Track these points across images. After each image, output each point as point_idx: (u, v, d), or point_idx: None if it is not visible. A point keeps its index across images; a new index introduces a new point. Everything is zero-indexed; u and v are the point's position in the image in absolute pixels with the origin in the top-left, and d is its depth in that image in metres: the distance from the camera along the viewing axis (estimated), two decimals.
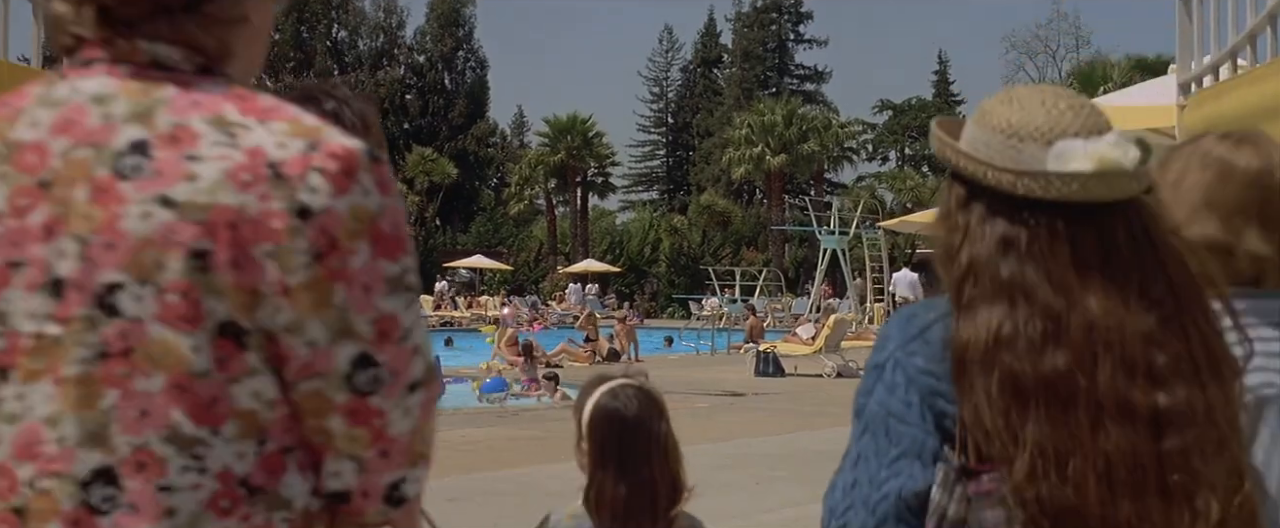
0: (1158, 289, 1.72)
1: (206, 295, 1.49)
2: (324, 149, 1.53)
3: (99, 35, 1.58)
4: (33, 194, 1.53)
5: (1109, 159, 1.72)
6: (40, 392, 1.50)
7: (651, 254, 57.57)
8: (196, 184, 1.49)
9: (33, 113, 1.57)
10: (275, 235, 1.49)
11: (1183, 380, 1.69)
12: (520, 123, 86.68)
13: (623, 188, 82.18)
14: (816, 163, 57.54)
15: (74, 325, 1.49)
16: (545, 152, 58.90)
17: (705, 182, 70.65)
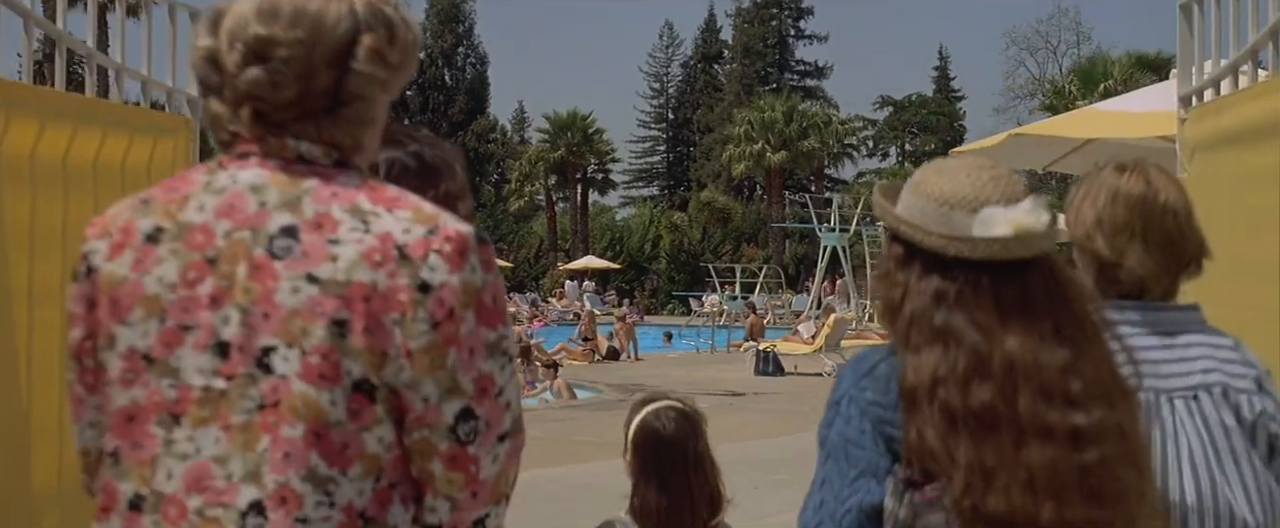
0: (1070, 328, 2.11)
1: (344, 357, 1.80)
2: (441, 233, 1.86)
3: (254, 133, 1.90)
4: (201, 269, 1.85)
5: (1025, 224, 2.10)
6: (209, 436, 1.81)
7: (652, 251, 57.52)
8: (337, 264, 1.81)
9: (199, 198, 1.88)
10: (401, 307, 1.81)
11: (1097, 403, 2.07)
12: (521, 119, 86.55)
13: (623, 184, 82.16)
14: (817, 160, 57.47)
15: (238, 381, 1.81)
16: (545, 148, 58.86)
17: (706, 178, 70.55)
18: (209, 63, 1.93)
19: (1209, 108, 3.96)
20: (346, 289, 1.80)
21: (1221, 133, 3.80)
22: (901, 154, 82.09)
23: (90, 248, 1.95)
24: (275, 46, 1.87)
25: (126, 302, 1.88)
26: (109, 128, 3.87)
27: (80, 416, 2.03)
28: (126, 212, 1.95)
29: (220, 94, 1.93)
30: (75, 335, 1.98)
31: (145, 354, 1.86)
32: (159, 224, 1.89)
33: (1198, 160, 4.06)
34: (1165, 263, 2.54)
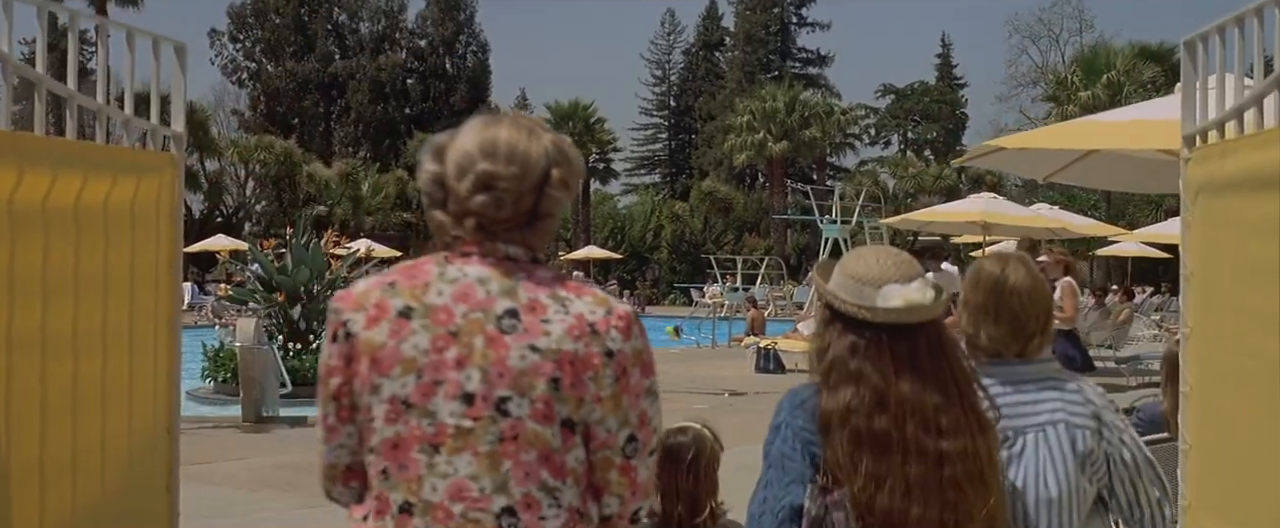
0: (944, 377, 2.88)
1: (557, 403, 2.50)
2: (615, 313, 2.55)
3: (474, 238, 2.54)
4: (446, 339, 2.49)
5: (914, 299, 2.89)
6: (463, 460, 2.48)
7: (653, 241, 57.46)
8: (550, 338, 2.49)
9: (437, 285, 2.53)
10: (594, 367, 2.51)
11: (960, 434, 2.85)
12: (522, 106, 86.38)
13: (625, 171, 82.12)
14: (818, 149, 57.36)
15: (482, 422, 2.48)
16: None
17: (707, 165, 70.49)
18: (435, 184, 2.58)
19: (1213, 150, 3.86)
20: (558, 356, 2.49)
21: (1225, 178, 3.71)
22: (903, 142, 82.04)
23: (347, 318, 2.56)
24: (498, 179, 2.52)
25: (387, 362, 2.51)
26: (90, 170, 3.79)
27: (332, 440, 2.63)
28: (376, 292, 2.56)
29: (444, 207, 2.57)
30: (335, 382, 2.58)
31: (405, 400, 2.51)
32: (408, 304, 2.52)
33: (1201, 203, 3.97)
34: (1012, 333, 3.36)
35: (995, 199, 20.26)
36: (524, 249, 2.58)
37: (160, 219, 4.28)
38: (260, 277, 17.11)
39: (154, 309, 4.24)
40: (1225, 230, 3.74)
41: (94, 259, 3.87)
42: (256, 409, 13.99)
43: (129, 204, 4.04)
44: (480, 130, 2.58)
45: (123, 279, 4.02)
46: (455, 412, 2.48)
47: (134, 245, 4.08)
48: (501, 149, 2.53)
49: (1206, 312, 3.97)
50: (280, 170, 55.47)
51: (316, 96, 68.85)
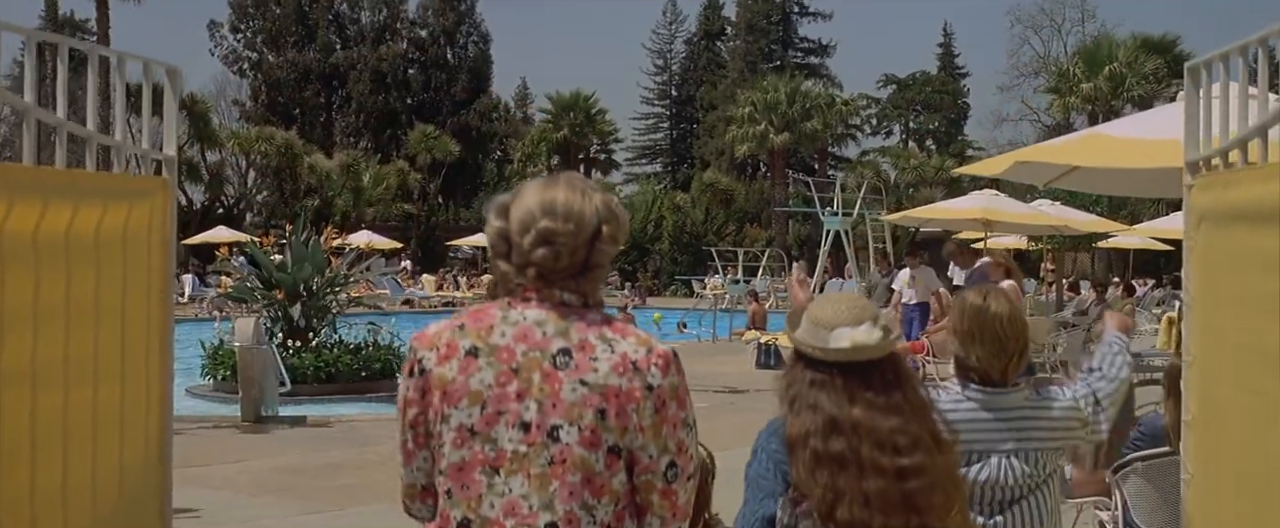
0: (900, 403, 3.30)
1: (603, 432, 2.84)
2: (655, 352, 2.89)
3: (535, 285, 2.89)
4: (508, 376, 2.85)
5: (859, 340, 3.30)
6: (517, 481, 2.83)
7: (654, 232, 57.37)
8: (598, 373, 2.84)
9: (500, 327, 2.88)
10: (636, 400, 2.85)
11: (919, 451, 3.25)
12: (523, 95, 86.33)
13: (626, 161, 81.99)
14: (820, 141, 57.25)
15: (536, 447, 2.82)
16: (548, 128, 58.63)
17: (709, 155, 70.36)
18: (501, 238, 2.94)
19: (1217, 179, 3.82)
20: (604, 390, 2.84)
21: (1229, 208, 3.67)
22: (905, 132, 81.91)
23: (422, 355, 2.94)
24: (556, 235, 2.86)
25: (456, 394, 2.87)
26: (81, 198, 3.75)
27: (410, 463, 3.01)
28: (447, 333, 2.93)
29: (507, 258, 2.93)
30: (412, 412, 2.96)
31: (470, 428, 2.86)
32: (475, 345, 2.88)
33: (1204, 231, 3.93)
34: (995, 354, 3.94)
35: (997, 196, 20.19)
36: (577, 295, 2.92)
37: (152, 245, 4.23)
38: (260, 274, 17.06)
39: (145, 336, 4.20)
40: (1229, 262, 3.71)
41: (85, 288, 3.83)
42: (256, 409, 13.97)
43: (121, 231, 3.99)
44: (541, 191, 2.93)
45: (114, 307, 3.97)
46: (514, 438, 2.85)
47: (126, 272, 4.03)
48: (559, 208, 2.88)
49: (1208, 342, 3.94)
50: (281, 162, 55.41)
51: (317, 87, 68.75)
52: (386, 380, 16.93)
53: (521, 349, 2.86)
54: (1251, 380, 3.44)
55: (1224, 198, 3.74)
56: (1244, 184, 3.60)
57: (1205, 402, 3.98)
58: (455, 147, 60.17)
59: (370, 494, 10.05)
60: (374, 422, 14.24)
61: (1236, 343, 3.61)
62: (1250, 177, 3.57)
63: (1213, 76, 3.97)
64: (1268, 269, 3.32)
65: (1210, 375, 3.90)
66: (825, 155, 63.20)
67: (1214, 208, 3.84)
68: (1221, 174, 3.81)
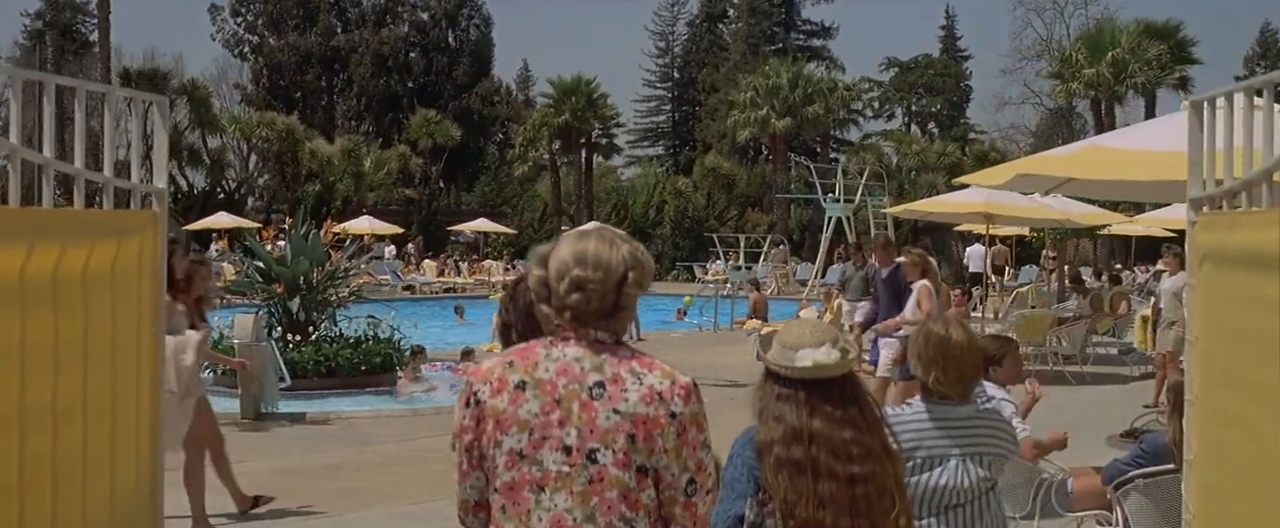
0: (856, 417, 3.80)
1: (633, 453, 3.21)
2: (678, 384, 3.26)
3: (572, 326, 3.27)
4: (551, 406, 3.23)
5: (820, 360, 3.78)
6: (562, 497, 3.21)
7: (656, 217, 57.27)
8: (628, 403, 3.21)
9: (544, 364, 3.26)
10: (661, 426, 3.22)
11: (869, 461, 3.74)
12: (525, 77, 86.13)
13: (628, 143, 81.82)
14: (822, 126, 57.08)
15: (576, 467, 3.20)
16: (549, 113, 58.42)
17: (711, 138, 70.20)
18: (542, 284, 3.33)
19: (1220, 219, 3.78)
20: (634, 417, 3.22)
21: (1233, 250, 3.62)
22: (907, 115, 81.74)
23: (477, 388, 3.32)
24: (588, 283, 3.25)
25: (507, 423, 3.26)
26: (68, 238, 3.70)
27: (465, 482, 3.39)
28: (499, 369, 3.31)
29: (548, 302, 3.31)
30: (468, 438, 3.34)
31: (519, 452, 3.26)
32: (523, 379, 3.28)
33: (1207, 269, 3.89)
34: (955, 379, 4.58)
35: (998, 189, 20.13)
36: (609, 334, 3.32)
37: (142, 278, 4.19)
38: (259, 268, 17.01)
39: (136, 371, 4.16)
40: (1233, 305, 3.67)
41: (74, 328, 3.79)
42: (255, 406, 13.92)
43: (109, 268, 3.95)
44: (574, 243, 3.34)
45: (103, 345, 3.94)
46: (557, 460, 3.24)
47: (114, 309, 3.99)
48: (589, 258, 3.28)
49: (1211, 381, 3.90)
50: (282, 147, 55.29)
51: (319, 70, 68.57)
52: (386, 375, 16.89)
53: (563, 382, 3.27)
54: (1253, 422, 3.41)
55: (1227, 239, 3.70)
56: (1247, 227, 3.56)
57: (1206, 441, 3.94)
58: (457, 131, 60.00)
59: (371, 497, 10.04)
60: (373, 419, 14.22)
61: (1238, 382, 3.57)
62: (1253, 220, 3.53)
63: (1213, 111, 3.93)
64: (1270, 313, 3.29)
65: (1211, 417, 3.86)
66: (827, 140, 63.03)
67: (1217, 249, 3.80)
68: (1225, 215, 3.77)
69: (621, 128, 65.56)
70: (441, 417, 14.42)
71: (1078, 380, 17.47)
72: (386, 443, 12.60)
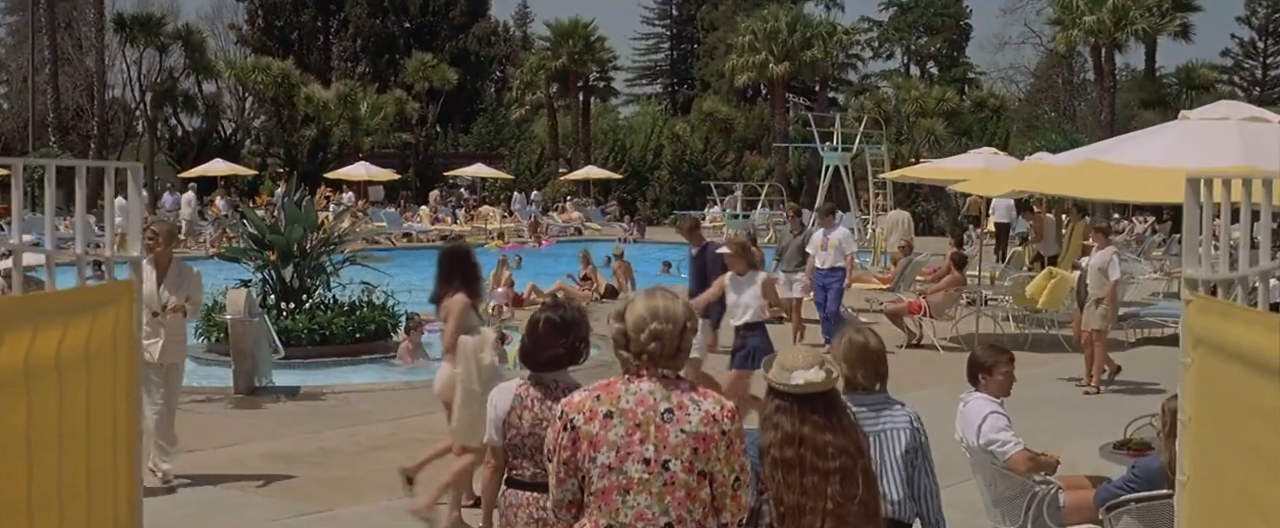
0: (836, 424, 4.76)
1: (696, 461, 4.22)
2: (725, 408, 4.28)
3: (644, 366, 4.26)
4: (633, 429, 4.22)
5: (810, 378, 4.70)
6: (643, 497, 4.21)
7: (654, 161, 57.07)
8: (691, 424, 4.22)
9: (625, 396, 4.25)
10: (716, 441, 4.24)
11: (843, 457, 4.71)
12: (523, 15, 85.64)
13: (626, 81, 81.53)
14: (821, 70, 56.75)
15: (654, 474, 4.21)
16: (547, 56, 58.11)
17: (710, 76, 69.88)
18: (622, 335, 4.31)
19: (1217, 308, 3.69)
20: (696, 435, 4.24)
21: (1229, 344, 3.55)
22: (907, 55, 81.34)
23: (572, 417, 4.32)
24: (662, 334, 4.27)
25: (599, 443, 4.26)
26: (40, 322, 3.62)
27: (561, 487, 4.37)
28: (589, 401, 4.32)
29: (627, 348, 4.29)
30: (565, 455, 4.32)
31: (609, 466, 4.26)
32: (609, 409, 4.28)
33: (1201, 354, 3.82)
34: (869, 375, 5.72)
35: (996, 155, 20.07)
36: (672, 370, 4.35)
37: (118, 349, 4.10)
38: (252, 234, 16.93)
39: (113, 450, 4.09)
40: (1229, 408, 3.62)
41: (47, 415, 3.71)
42: (249, 381, 13.86)
43: (83, 347, 3.87)
44: (646, 301, 4.37)
45: (78, 427, 3.86)
46: (639, 470, 4.25)
47: (90, 388, 3.91)
48: (661, 313, 4.31)
49: (1203, 466, 3.84)
50: (278, 92, 55.01)
51: (314, 11, 68.05)
52: (380, 342, 16.82)
53: (641, 410, 4.27)
54: (1239, 509, 3.38)
55: (1222, 330, 3.63)
56: (1241, 323, 3.49)
57: (1196, 523, 3.89)
58: (454, 74, 59.70)
59: (363, 487, 10.00)
60: (366, 393, 14.16)
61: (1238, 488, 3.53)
62: (1248, 317, 3.46)
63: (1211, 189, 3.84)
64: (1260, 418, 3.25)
65: (1205, 503, 3.81)
66: (826, 82, 62.69)
67: (1211, 335, 3.73)
68: (1220, 304, 3.69)
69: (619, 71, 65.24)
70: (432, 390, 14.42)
71: (1072, 346, 17.42)
72: (380, 422, 12.55)
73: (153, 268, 9.84)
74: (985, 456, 7.26)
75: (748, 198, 44.59)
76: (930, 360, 16.49)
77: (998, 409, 7.27)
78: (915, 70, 79.77)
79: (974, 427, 7.24)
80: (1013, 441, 7.16)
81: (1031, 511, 7.20)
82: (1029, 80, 78.90)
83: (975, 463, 7.42)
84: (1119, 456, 7.62)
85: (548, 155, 59.97)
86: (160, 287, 9.90)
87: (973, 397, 7.36)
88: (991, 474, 7.33)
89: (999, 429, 7.18)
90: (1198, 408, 3.90)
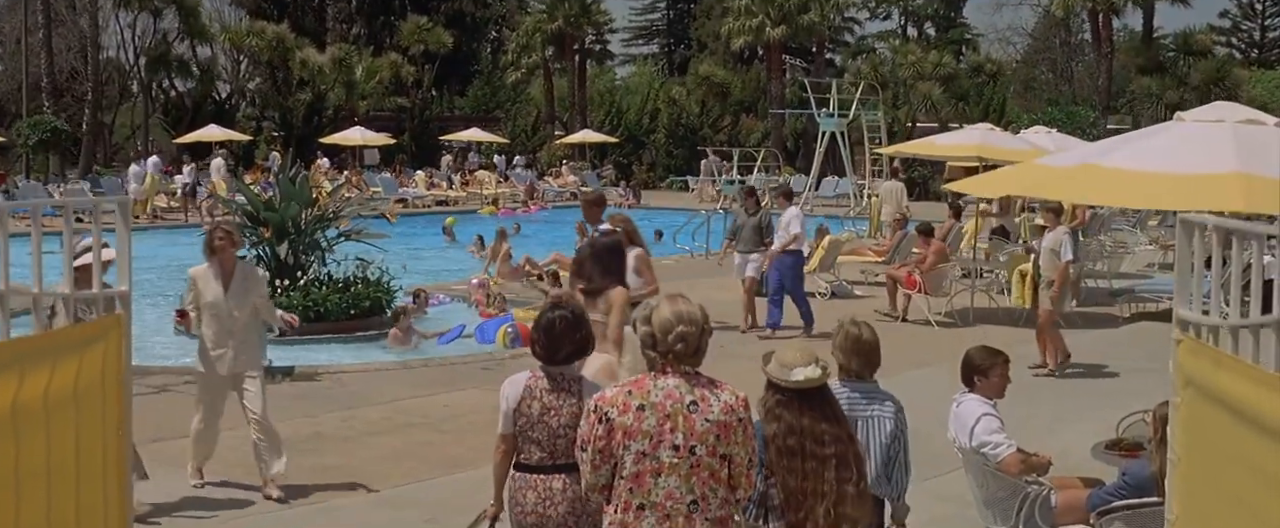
0: (831, 415, 5.57)
1: (718, 446, 4.91)
2: (739, 398, 5.00)
3: (669, 364, 4.93)
4: (663, 420, 4.88)
5: (809, 375, 5.43)
6: (672, 479, 4.89)
7: (650, 125, 56.92)
8: (713, 413, 4.91)
9: (653, 391, 4.91)
10: (733, 428, 4.95)
11: (838, 444, 5.48)
12: None
13: (623, 41, 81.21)
14: (818, 33, 56.52)
15: (682, 459, 4.88)
16: (542, 19, 57.87)
17: (706, 37, 69.58)
18: (650, 336, 4.92)
19: (1208, 355, 3.68)
20: (718, 423, 4.88)
21: (1218, 392, 3.54)
22: (903, 15, 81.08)
23: (606, 410, 4.93)
24: (687, 335, 4.87)
25: (634, 433, 4.87)
26: (26, 366, 3.61)
27: (596, 472, 4.98)
28: (622, 396, 4.94)
29: (654, 348, 4.91)
30: (601, 444, 4.92)
31: (643, 452, 4.86)
32: (641, 402, 4.89)
33: (1191, 395, 3.81)
34: (863, 365, 6.29)
35: (992, 131, 20.03)
36: (694, 367, 4.97)
37: (107, 386, 4.09)
38: (247, 211, 16.89)
39: (102, 484, 4.09)
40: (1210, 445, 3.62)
41: (35, 453, 3.71)
42: None
43: (71, 387, 3.86)
44: (672, 306, 4.96)
45: (67, 465, 3.85)
46: (669, 456, 4.87)
47: (79, 425, 3.90)
48: (685, 316, 4.92)
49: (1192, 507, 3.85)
50: (273, 56, 54.75)
51: None
52: (375, 318, 16.81)
53: (669, 403, 4.89)
54: None
55: (1212, 376, 3.62)
56: (1232, 372, 3.48)
57: None
58: (449, 37, 59.39)
59: (357, 476, 9.98)
60: (361, 373, 14.13)
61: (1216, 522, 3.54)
62: (1238, 368, 3.45)
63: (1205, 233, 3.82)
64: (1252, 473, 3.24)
65: None
66: (823, 44, 62.45)
67: (1201, 379, 3.73)
68: (1211, 351, 3.68)
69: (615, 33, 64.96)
70: (430, 371, 14.41)
71: (1069, 324, 17.43)
72: (375, 405, 12.55)
73: (217, 272, 9.30)
74: (977, 457, 7.28)
75: (745, 166, 44.41)
76: (927, 338, 16.52)
77: (990, 411, 7.29)
78: (913, 31, 79.52)
79: (967, 428, 7.26)
80: (1005, 443, 7.18)
81: (1023, 511, 7.23)
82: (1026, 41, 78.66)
83: (967, 464, 7.45)
84: (1110, 456, 7.63)
85: (543, 119, 59.81)
86: (227, 294, 9.29)
87: (966, 398, 7.38)
88: (983, 475, 7.35)
89: (991, 431, 7.19)
90: (1186, 449, 3.90)
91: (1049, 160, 9.52)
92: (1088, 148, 8.91)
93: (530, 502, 5.69)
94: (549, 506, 5.66)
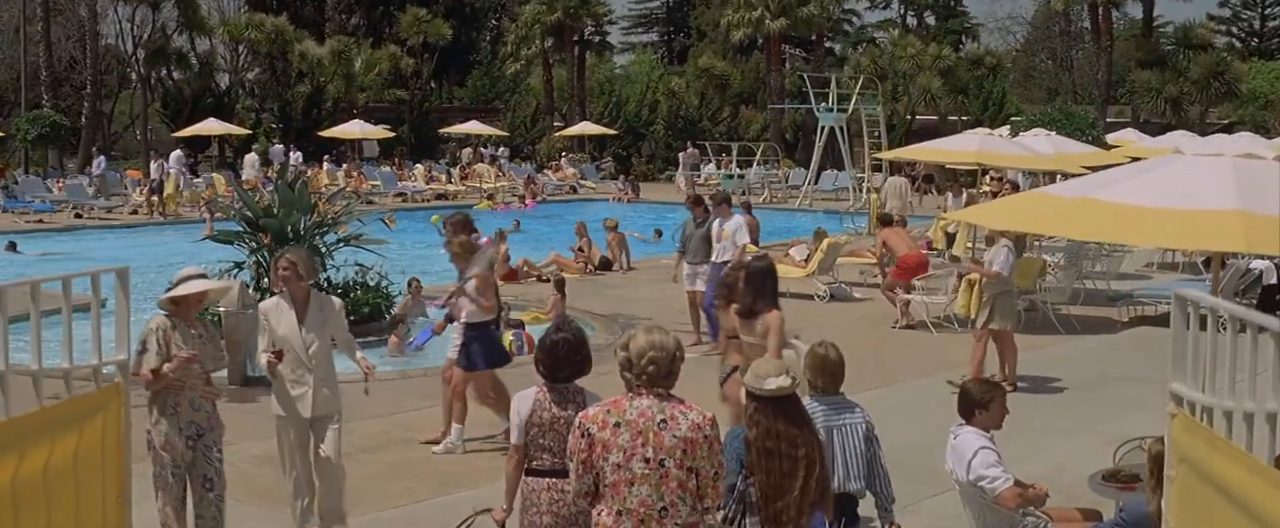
0: (801, 420, 6.21)
1: (686, 460, 5.48)
2: (706, 418, 5.58)
3: (642, 386, 5.56)
4: (636, 436, 5.48)
5: (780, 384, 6.06)
6: (645, 488, 5.47)
7: (649, 116, 56.83)
8: (681, 430, 5.48)
9: (629, 411, 5.52)
10: (699, 444, 5.50)
11: (810, 446, 6.10)
12: None
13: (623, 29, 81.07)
14: (817, 25, 56.39)
15: (653, 470, 5.46)
16: (542, 11, 57.73)
17: (706, 25, 69.45)
18: (627, 361, 5.57)
19: (1202, 434, 3.70)
20: (685, 439, 5.45)
21: (1211, 474, 3.57)
22: (903, 3, 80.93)
23: (588, 427, 5.51)
24: (658, 360, 5.52)
25: (611, 446, 5.46)
26: (27, 443, 3.64)
27: (581, 480, 5.54)
28: (601, 414, 5.53)
29: (630, 371, 5.55)
30: (583, 456, 5.50)
31: (619, 464, 5.45)
32: (617, 420, 5.48)
33: (1185, 471, 3.83)
34: (829, 381, 7.26)
35: (991, 136, 19.98)
36: (667, 389, 5.56)
37: (106, 455, 4.12)
38: (246, 217, 16.87)
39: None
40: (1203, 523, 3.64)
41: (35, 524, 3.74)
42: (242, 372, 13.89)
43: (71, 460, 3.88)
44: (646, 336, 5.58)
45: None
46: (642, 467, 5.42)
47: (78, 499, 3.93)
48: (658, 344, 5.53)
49: None
50: (272, 49, 54.66)
51: None
52: (375, 324, 16.75)
53: (642, 421, 5.46)
54: None
55: (1206, 457, 3.64)
56: (1226, 457, 3.50)
57: None
58: (448, 28, 59.27)
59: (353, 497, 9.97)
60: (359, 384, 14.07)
61: None
62: (1232, 454, 3.47)
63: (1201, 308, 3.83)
64: None
65: None
66: (822, 37, 62.34)
67: (1195, 457, 3.75)
68: (1205, 433, 3.70)
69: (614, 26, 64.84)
70: (429, 380, 14.31)
71: (1067, 329, 17.43)
72: (372, 419, 12.49)
73: (289, 305, 8.59)
74: (975, 490, 7.30)
75: (743, 159, 44.39)
76: (925, 345, 16.53)
77: (988, 444, 7.30)
78: (913, 20, 79.42)
79: (964, 462, 7.27)
80: (1002, 477, 7.20)
81: None
82: (1026, 29, 78.61)
83: (965, 497, 7.47)
84: (1108, 488, 7.65)
85: (543, 110, 59.75)
86: (302, 327, 8.58)
87: (963, 431, 7.40)
88: (980, 508, 7.37)
89: (989, 465, 7.21)
90: (1180, 521, 3.92)
91: (1051, 190, 9.47)
92: (1087, 180, 8.88)
93: (544, 502, 6.26)
94: (561, 506, 6.20)
